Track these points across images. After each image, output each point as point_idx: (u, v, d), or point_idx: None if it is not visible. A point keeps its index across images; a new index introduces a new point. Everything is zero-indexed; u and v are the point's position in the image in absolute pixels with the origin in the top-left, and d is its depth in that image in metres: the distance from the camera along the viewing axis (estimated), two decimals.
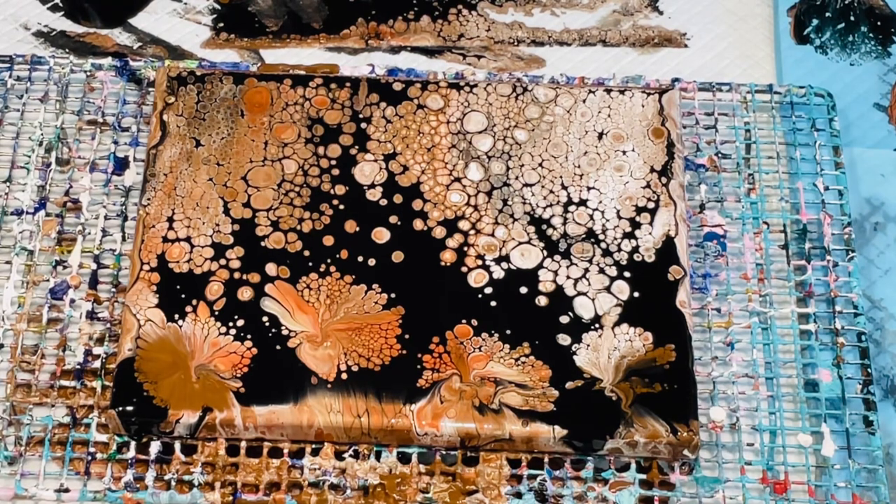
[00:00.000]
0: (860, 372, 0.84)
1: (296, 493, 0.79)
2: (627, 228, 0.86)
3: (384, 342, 0.81)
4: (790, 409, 0.83)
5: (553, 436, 0.79)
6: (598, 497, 0.80)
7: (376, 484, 0.80)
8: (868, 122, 0.95)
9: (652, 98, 0.91)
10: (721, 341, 0.85)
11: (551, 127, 0.90)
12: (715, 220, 0.89)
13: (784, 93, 0.94)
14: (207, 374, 0.80)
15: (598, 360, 0.82)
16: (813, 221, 0.90)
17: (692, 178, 0.91)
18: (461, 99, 0.91)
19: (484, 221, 0.86)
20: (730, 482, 0.81)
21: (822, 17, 1.00)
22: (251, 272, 0.84)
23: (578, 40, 0.99)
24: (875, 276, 0.89)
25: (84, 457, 0.80)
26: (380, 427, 0.79)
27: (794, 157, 0.92)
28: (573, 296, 0.84)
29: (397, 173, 0.88)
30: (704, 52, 0.99)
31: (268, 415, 0.79)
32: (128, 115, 0.93)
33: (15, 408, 0.82)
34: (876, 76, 0.97)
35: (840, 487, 0.80)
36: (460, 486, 0.80)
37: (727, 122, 0.93)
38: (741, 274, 0.87)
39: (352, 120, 0.90)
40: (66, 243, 0.88)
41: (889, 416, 0.84)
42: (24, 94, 0.93)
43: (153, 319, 0.82)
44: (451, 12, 1.00)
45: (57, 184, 0.90)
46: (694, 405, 0.80)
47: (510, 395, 0.80)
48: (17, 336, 0.84)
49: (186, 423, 0.79)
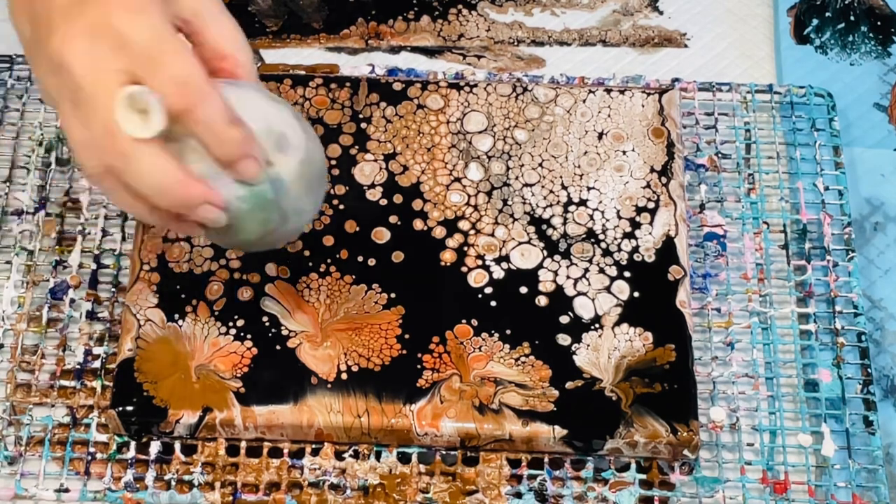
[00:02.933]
0: (860, 372, 0.84)
1: (296, 493, 0.79)
2: (627, 228, 0.86)
3: (384, 342, 0.81)
4: (790, 409, 0.83)
5: (553, 436, 0.79)
6: (598, 497, 0.80)
7: (376, 484, 0.80)
8: (868, 122, 0.95)
9: (652, 98, 0.91)
10: (721, 341, 0.85)
11: (551, 127, 0.90)
12: (715, 220, 0.89)
13: (784, 93, 0.94)
14: (207, 374, 0.80)
15: (598, 360, 0.81)
16: (813, 221, 0.90)
17: (692, 178, 0.91)
18: (461, 99, 0.91)
19: (484, 221, 0.86)
20: (730, 482, 0.81)
21: (822, 17, 1.00)
22: (251, 272, 0.84)
23: (578, 40, 0.99)
24: (875, 276, 0.89)
25: (84, 457, 0.80)
26: (380, 427, 0.79)
27: (794, 157, 0.92)
28: (573, 296, 0.84)
29: (397, 173, 0.88)
30: (704, 52, 0.99)
31: (268, 415, 0.79)
32: None
33: (15, 408, 0.82)
34: (876, 76, 0.97)
35: (840, 487, 0.80)
36: (460, 486, 0.80)
37: (727, 122, 0.93)
38: (741, 274, 0.87)
39: (352, 120, 0.90)
40: (66, 243, 0.88)
41: (889, 416, 0.84)
42: (24, 94, 0.93)
43: (153, 319, 0.82)
44: (451, 12, 1.00)
45: (57, 184, 0.90)
46: (694, 405, 0.80)
47: (510, 395, 0.80)
48: (17, 336, 0.84)
49: (186, 423, 0.79)
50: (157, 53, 0.66)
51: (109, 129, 0.66)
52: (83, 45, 0.66)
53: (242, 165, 0.69)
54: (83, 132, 0.67)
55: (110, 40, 0.66)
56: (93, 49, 0.66)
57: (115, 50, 0.66)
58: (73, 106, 0.67)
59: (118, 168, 0.67)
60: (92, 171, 0.69)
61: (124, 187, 0.69)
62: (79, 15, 0.67)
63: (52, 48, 0.67)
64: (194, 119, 0.67)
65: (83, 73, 0.66)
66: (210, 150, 0.68)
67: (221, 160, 0.69)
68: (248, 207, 0.71)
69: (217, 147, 0.68)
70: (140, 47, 0.66)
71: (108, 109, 0.66)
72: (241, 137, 0.69)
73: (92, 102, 0.66)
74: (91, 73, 0.66)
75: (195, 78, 0.66)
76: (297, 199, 0.72)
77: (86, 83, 0.66)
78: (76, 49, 0.66)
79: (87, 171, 0.69)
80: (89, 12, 0.67)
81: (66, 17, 0.67)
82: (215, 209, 0.69)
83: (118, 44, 0.66)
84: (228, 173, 0.69)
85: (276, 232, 0.73)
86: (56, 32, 0.67)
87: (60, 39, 0.67)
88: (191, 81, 0.66)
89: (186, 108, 0.66)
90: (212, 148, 0.68)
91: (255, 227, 0.72)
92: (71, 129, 0.68)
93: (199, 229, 0.72)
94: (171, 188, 0.67)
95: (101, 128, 0.66)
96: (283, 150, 0.71)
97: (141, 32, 0.66)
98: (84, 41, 0.66)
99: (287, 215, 0.73)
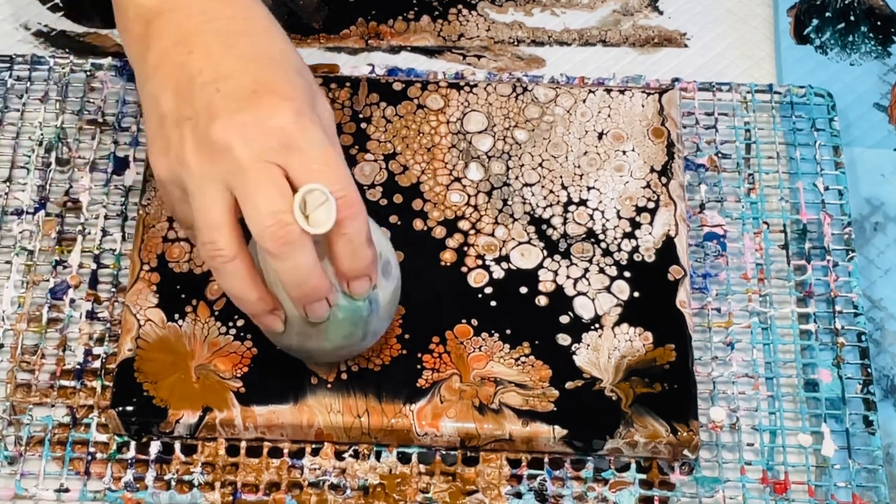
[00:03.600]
0: (860, 372, 0.84)
1: (296, 493, 0.79)
2: (627, 228, 0.86)
3: (384, 342, 0.81)
4: (790, 409, 0.83)
5: (553, 436, 0.79)
6: (598, 497, 0.80)
7: (376, 484, 0.80)
8: (868, 122, 0.95)
9: (652, 98, 0.91)
10: (721, 341, 0.85)
11: (551, 127, 0.90)
12: (715, 220, 0.89)
13: (784, 93, 0.94)
14: (207, 374, 0.80)
15: (598, 360, 0.81)
16: (813, 221, 0.90)
17: (692, 178, 0.91)
18: (461, 99, 0.91)
19: (484, 221, 0.86)
20: (730, 482, 0.81)
21: (822, 17, 1.00)
22: None
23: (578, 40, 0.99)
24: (875, 276, 0.89)
25: (84, 457, 0.80)
26: (380, 427, 0.79)
27: (794, 157, 0.92)
28: (573, 296, 0.84)
29: (397, 173, 0.88)
30: (704, 52, 0.99)
31: (268, 415, 0.79)
32: (128, 115, 0.93)
33: (15, 408, 0.82)
34: (876, 76, 0.97)
35: (840, 487, 0.80)
36: (460, 486, 0.80)
37: (727, 122, 0.93)
38: (741, 274, 0.87)
39: (352, 120, 0.90)
40: (66, 243, 0.88)
41: (889, 416, 0.84)
42: (24, 94, 0.93)
43: (153, 319, 0.82)
44: (451, 12, 1.00)
45: (57, 184, 0.90)
46: (694, 405, 0.80)
47: (510, 395, 0.80)
48: (17, 336, 0.84)
49: (186, 423, 0.79)
50: (322, 162, 0.70)
51: (279, 218, 0.69)
52: (252, 135, 0.70)
53: (360, 282, 0.73)
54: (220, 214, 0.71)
55: (279, 139, 0.70)
56: (262, 141, 0.70)
57: (283, 148, 0.70)
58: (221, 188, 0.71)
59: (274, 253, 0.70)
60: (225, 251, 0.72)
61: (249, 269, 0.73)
62: (249, 109, 0.71)
63: (215, 133, 0.70)
64: (341, 230, 0.71)
65: (250, 161, 0.70)
66: (340, 259, 0.72)
67: (345, 271, 0.73)
68: (342, 318, 0.74)
69: (349, 260, 0.72)
70: (307, 153, 0.70)
71: (271, 197, 0.69)
72: (371, 258, 0.73)
73: (254, 188, 0.70)
74: (258, 163, 0.70)
75: (353, 193, 0.71)
76: (381, 322, 0.77)
77: (251, 169, 0.70)
78: (244, 136, 0.70)
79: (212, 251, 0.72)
80: (261, 109, 0.71)
81: (233, 108, 0.71)
82: (326, 308, 0.73)
83: (286, 143, 0.70)
84: (340, 282, 0.73)
85: (350, 347, 0.77)
86: (219, 119, 0.71)
87: (225, 127, 0.71)
88: (349, 195, 0.71)
89: (342, 218, 0.70)
90: (344, 259, 0.72)
91: (339, 337, 0.75)
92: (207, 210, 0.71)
93: (280, 324, 0.75)
94: (311, 278, 0.71)
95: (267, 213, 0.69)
96: (385, 275, 0.76)
97: (309, 139, 0.71)
98: (253, 131, 0.70)
99: (367, 334, 0.77)
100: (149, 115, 0.75)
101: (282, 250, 0.70)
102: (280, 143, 0.71)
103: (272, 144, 0.70)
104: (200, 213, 0.72)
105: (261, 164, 0.70)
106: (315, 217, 0.70)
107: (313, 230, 0.70)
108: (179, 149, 0.73)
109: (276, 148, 0.70)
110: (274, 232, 0.69)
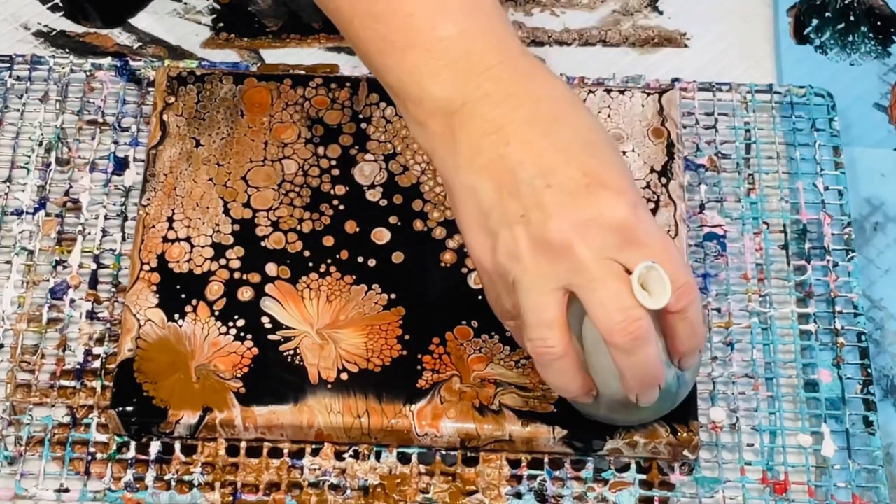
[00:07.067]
0: (860, 372, 0.84)
1: (296, 494, 0.79)
2: None
3: (384, 343, 0.81)
4: (790, 410, 0.83)
5: (553, 436, 0.79)
6: (598, 497, 0.80)
7: (376, 484, 0.80)
8: (868, 122, 0.95)
9: (652, 98, 0.91)
10: (721, 341, 0.85)
11: None
12: (715, 220, 0.89)
13: (784, 93, 0.94)
14: (207, 374, 0.80)
15: None
16: (813, 221, 0.90)
17: (692, 178, 0.91)
18: None
19: None
20: (730, 482, 0.81)
21: (822, 17, 1.00)
22: (251, 272, 0.84)
23: (578, 40, 0.99)
24: (875, 276, 0.89)
25: (84, 457, 0.80)
26: (380, 427, 0.79)
27: (794, 157, 0.92)
28: None
29: (397, 173, 0.88)
30: (704, 52, 0.99)
31: (268, 415, 0.79)
32: (128, 115, 0.93)
33: (15, 408, 0.82)
34: (876, 76, 0.97)
35: (840, 488, 0.80)
36: (460, 486, 0.80)
37: (727, 122, 0.93)
38: (741, 274, 0.87)
39: (352, 120, 0.90)
40: (66, 243, 0.88)
41: (889, 416, 0.84)
42: (24, 94, 0.93)
43: (153, 319, 0.82)
44: None
45: (57, 184, 0.90)
46: (694, 405, 0.80)
47: (510, 397, 0.80)
48: (17, 336, 0.84)
49: (186, 424, 0.79)
50: (663, 257, 0.71)
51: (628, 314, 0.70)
52: (592, 234, 0.70)
53: (692, 357, 0.75)
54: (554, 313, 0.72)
55: (620, 235, 0.70)
56: (603, 239, 0.70)
57: (623, 244, 0.71)
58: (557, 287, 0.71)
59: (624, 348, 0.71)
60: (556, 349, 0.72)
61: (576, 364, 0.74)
62: (585, 206, 0.71)
63: (552, 233, 0.70)
64: (684, 314, 0.72)
65: (592, 260, 0.70)
66: (680, 340, 0.73)
67: (680, 351, 0.74)
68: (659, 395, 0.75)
69: (688, 341, 0.73)
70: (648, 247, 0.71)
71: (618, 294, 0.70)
72: (706, 334, 0.76)
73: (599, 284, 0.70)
74: (600, 261, 0.70)
75: (692, 279, 0.73)
76: (682, 396, 0.77)
77: (594, 267, 0.70)
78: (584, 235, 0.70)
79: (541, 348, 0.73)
80: (597, 206, 0.71)
81: (567, 205, 0.71)
82: (658, 392, 0.74)
83: (626, 239, 0.71)
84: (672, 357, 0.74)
85: (646, 412, 0.77)
86: (555, 218, 0.70)
87: (562, 226, 0.71)
88: (689, 282, 0.72)
89: (685, 304, 0.72)
90: (685, 340, 0.73)
91: (651, 412, 0.77)
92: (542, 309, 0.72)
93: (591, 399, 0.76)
94: (656, 369, 0.73)
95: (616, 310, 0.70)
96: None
97: (648, 232, 0.71)
98: (593, 230, 0.70)
99: (667, 407, 0.77)
100: (465, 205, 0.74)
101: (632, 345, 0.71)
102: (621, 238, 0.70)
103: (613, 241, 0.70)
104: (534, 311, 0.72)
105: (603, 263, 0.70)
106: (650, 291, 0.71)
107: (652, 305, 0.70)
108: (512, 246, 0.72)
109: (617, 244, 0.70)
110: (625, 328, 0.70)
